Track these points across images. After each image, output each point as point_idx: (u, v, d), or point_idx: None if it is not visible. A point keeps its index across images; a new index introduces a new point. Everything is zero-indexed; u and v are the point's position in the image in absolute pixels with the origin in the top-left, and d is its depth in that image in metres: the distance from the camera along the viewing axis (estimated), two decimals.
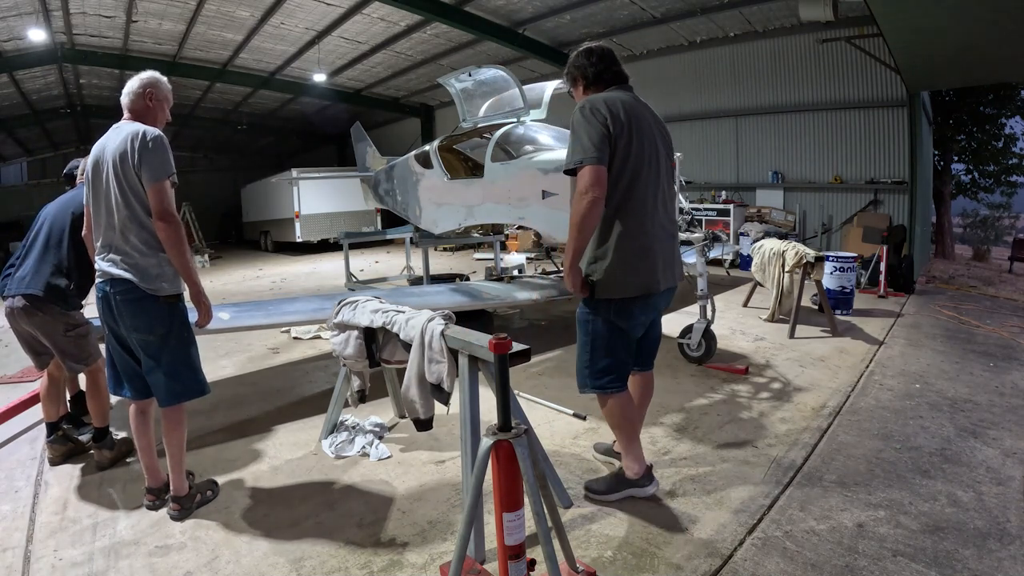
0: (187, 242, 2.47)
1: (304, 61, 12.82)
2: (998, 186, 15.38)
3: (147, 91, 2.54)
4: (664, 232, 2.49)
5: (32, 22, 9.36)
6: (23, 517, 2.61)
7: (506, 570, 1.75)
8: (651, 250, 2.42)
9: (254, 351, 5.45)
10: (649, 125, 2.46)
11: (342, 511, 2.60)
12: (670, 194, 2.56)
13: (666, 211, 2.52)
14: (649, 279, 2.43)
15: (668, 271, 2.51)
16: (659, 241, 2.45)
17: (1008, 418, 3.44)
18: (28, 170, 20.88)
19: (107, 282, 2.44)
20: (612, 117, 2.31)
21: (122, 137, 2.39)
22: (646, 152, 2.40)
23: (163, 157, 2.36)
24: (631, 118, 2.36)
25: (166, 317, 2.47)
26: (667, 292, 2.57)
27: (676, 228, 2.62)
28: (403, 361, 2.58)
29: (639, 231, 2.39)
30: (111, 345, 2.59)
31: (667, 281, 2.51)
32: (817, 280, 5.72)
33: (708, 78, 10.99)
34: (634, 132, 2.36)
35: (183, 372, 2.52)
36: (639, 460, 2.58)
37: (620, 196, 2.37)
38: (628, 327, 2.48)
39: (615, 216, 2.37)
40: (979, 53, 6.78)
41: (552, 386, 4.19)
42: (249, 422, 3.70)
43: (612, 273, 2.37)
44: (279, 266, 13.45)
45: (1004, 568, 2.07)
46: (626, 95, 2.47)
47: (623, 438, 2.57)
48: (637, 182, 2.38)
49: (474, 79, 5.60)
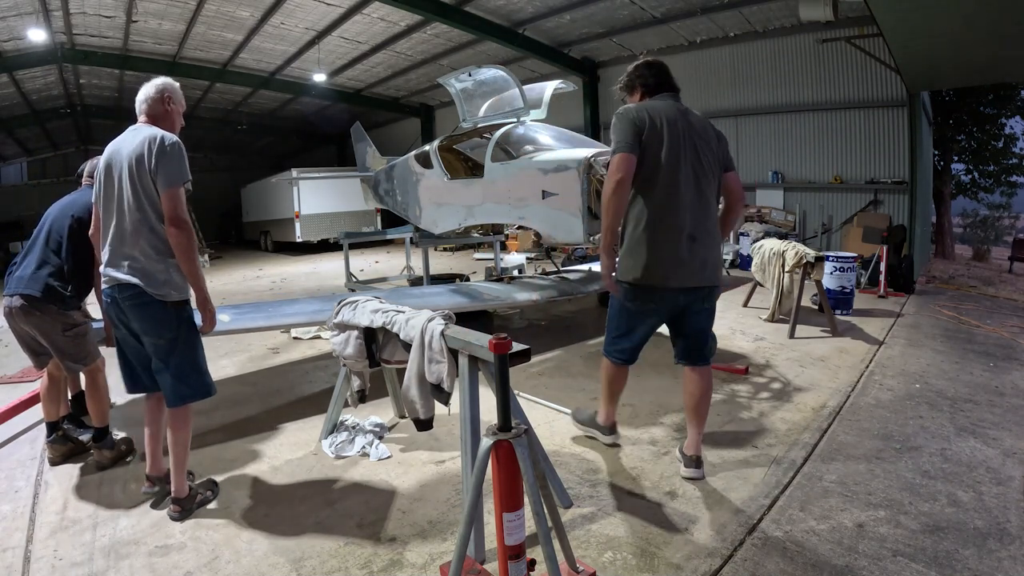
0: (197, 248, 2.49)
1: (304, 61, 12.83)
2: (998, 186, 15.40)
3: (165, 95, 2.57)
4: (682, 234, 2.61)
5: (32, 22, 9.37)
6: (23, 517, 2.61)
7: (506, 570, 1.75)
8: (660, 248, 2.61)
9: (254, 351, 5.45)
10: (685, 133, 2.64)
11: (342, 511, 2.59)
12: (703, 200, 2.67)
13: (693, 215, 2.63)
14: (653, 273, 2.62)
15: (682, 270, 2.63)
16: (674, 242, 2.61)
17: (1008, 418, 3.44)
18: (28, 170, 20.88)
19: (114, 287, 2.46)
20: (645, 122, 2.59)
21: (140, 140, 2.39)
22: (674, 157, 2.60)
23: (180, 163, 2.38)
24: (664, 125, 2.60)
25: (173, 321, 2.49)
26: (693, 291, 2.69)
27: (709, 233, 2.70)
28: (403, 361, 2.57)
29: (652, 228, 2.61)
30: (124, 343, 2.62)
31: (680, 280, 2.64)
32: (817, 280, 5.72)
33: (708, 78, 10.99)
34: (665, 138, 2.59)
35: (190, 375, 2.55)
36: (610, 416, 3.15)
37: (641, 194, 2.64)
38: (636, 310, 2.77)
39: (631, 211, 2.68)
40: (979, 53, 6.79)
41: (552, 386, 4.19)
42: (249, 422, 3.70)
43: (624, 260, 2.70)
44: (279, 266, 13.45)
45: (1004, 568, 2.07)
46: (668, 104, 2.71)
47: (604, 394, 3.10)
48: (657, 183, 2.60)
49: (474, 79, 5.60)
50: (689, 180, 2.62)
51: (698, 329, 2.81)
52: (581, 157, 4.50)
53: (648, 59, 2.89)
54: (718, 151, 2.75)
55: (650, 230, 2.61)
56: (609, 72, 12.53)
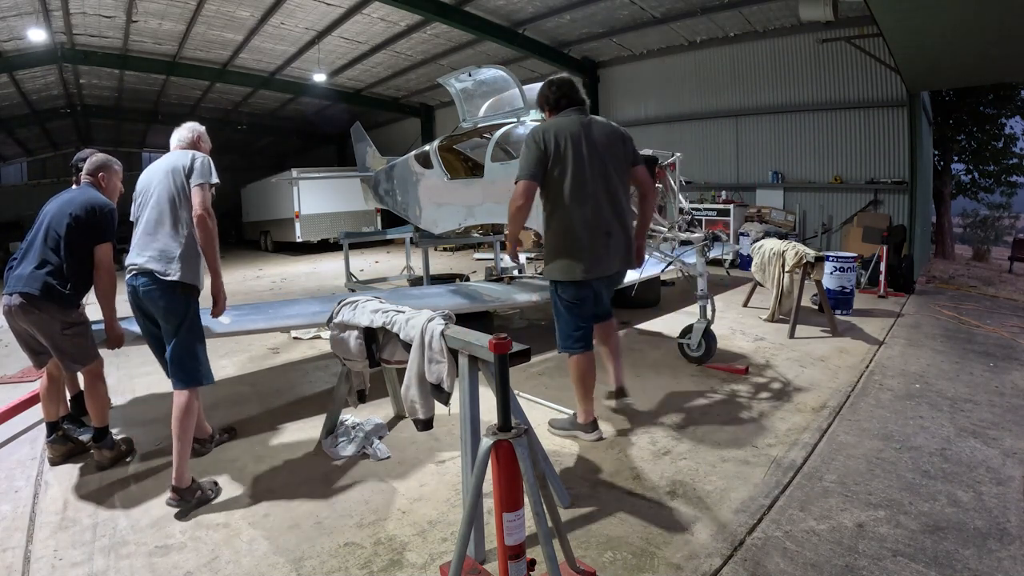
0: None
1: (304, 61, 12.82)
2: (998, 186, 15.38)
3: (196, 134, 3.13)
4: (598, 233, 3.08)
5: (32, 22, 9.36)
6: (23, 517, 2.61)
7: (506, 570, 1.75)
8: (581, 251, 3.06)
9: (254, 351, 5.45)
10: (591, 145, 3.06)
11: (342, 511, 2.60)
12: (614, 199, 3.12)
13: (606, 214, 3.09)
14: (579, 270, 3.08)
15: (602, 264, 3.12)
16: (592, 241, 3.07)
17: (1008, 418, 3.44)
18: (28, 170, 20.89)
19: (135, 275, 2.75)
20: (550, 144, 3.01)
21: (178, 155, 2.90)
22: (579, 170, 3.02)
23: (210, 169, 2.89)
24: (568, 144, 3.02)
25: (182, 308, 2.76)
26: (610, 276, 3.26)
27: (623, 225, 3.18)
28: (403, 361, 2.58)
29: (566, 233, 3.08)
30: (149, 335, 2.94)
31: (601, 271, 3.13)
32: (817, 280, 5.72)
33: (708, 78, 10.98)
34: (570, 156, 3.01)
35: (186, 361, 2.78)
36: (589, 413, 3.26)
37: (552, 204, 3.10)
38: (573, 301, 3.18)
39: (549, 219, 3.14)
40: (979, 53, 6.78)
41: (552, 386, 4.20)
42: (249, 422, 3.70)
43: (555, 263, 3.14)
44: (279, 266, 13.45)
45: (1004, 568, 2.07)
46: (572, 120, 3.10)
47: (578, 392, 3.24)
48: (570, 195, 3.04)
49: (474, 79, 5.60)
50: (599, 185, 3.05)
51: (608, 300, 3.47)
52: None
53: (553, 77, 3.26)
54: (624, 152, 3.18)
55: (570, 238, 3.06)
56: (609, 72, 12.53)
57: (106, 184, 3.15)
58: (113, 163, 3.22)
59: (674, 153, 4.53)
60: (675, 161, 4.48)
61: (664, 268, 5.07)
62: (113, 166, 3.21)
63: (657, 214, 4.47)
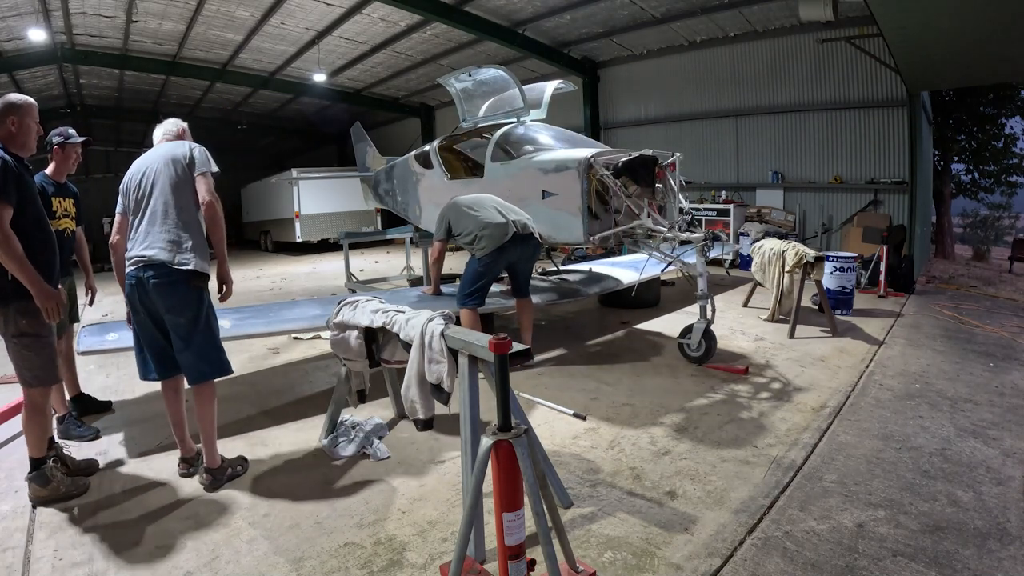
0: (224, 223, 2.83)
1: (304, 61, 12.82)
2: (998, 186, 15.41)
3: (180, 128, 3.14)
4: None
5: (32, 22, 9.36)
6: (23, 517, 2.61)
7: (506, 570, 1.75)
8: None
9: (254, 351, 5.45)
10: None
11: (342, 511, 2.60)
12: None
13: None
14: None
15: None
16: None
17: (1008, 418, 3.44)
18: None
19: (141, 268, 2.68)
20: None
21: (172, 146, 2.88)
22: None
23: (208, 157, 2.88)
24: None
25: (195, 301, 2.74)
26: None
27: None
28: (403, 361, 2.58)
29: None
30: (142, 329, 2.82)
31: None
32: (817, 280, 5.72)
33: (708, 78, 10.98)
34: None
35: (210, 352, 2.81)
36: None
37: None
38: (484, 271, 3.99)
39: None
40: (979, 53, 6.78)
41: (552, 386, 4.19)
42: (249, 422, 3.70)
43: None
44: (279, 266, 13.44)
45: (1004, 568, 2.07)
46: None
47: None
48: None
49: (474, 79, 5.60)
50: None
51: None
52: (581, 157, 4.51)
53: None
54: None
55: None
56: (609, 72, 12.53)
57: (17, 128, 2.59)
58: (22, 101, 2.62)
59: (674, 153, 4.53)
60: (675, 161, 4.48)
61: (664, 268, 5.08)
62: (24, 106, 2.62)
63: (657, 214, 4.47)
